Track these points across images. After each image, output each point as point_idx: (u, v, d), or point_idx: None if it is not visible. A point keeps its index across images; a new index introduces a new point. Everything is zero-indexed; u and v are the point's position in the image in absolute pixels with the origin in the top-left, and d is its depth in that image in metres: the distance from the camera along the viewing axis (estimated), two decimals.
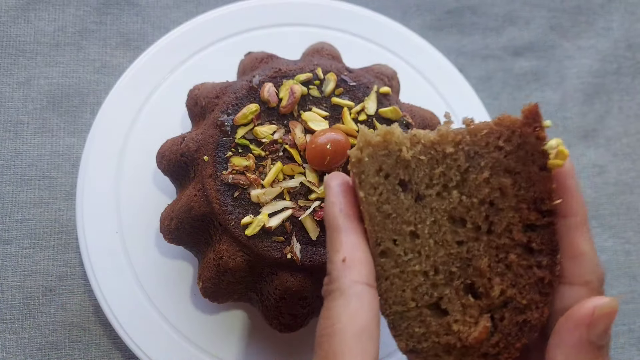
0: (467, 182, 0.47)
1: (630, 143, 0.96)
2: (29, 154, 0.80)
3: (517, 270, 0.47)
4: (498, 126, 0.46)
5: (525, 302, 0.46)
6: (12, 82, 0.82)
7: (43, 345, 0.73)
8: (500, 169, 0.46)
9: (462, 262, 0.47)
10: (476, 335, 0.46)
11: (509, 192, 0.46)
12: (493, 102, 0.94)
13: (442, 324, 0.48)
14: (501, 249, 0.47)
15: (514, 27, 0.98)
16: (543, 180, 0.45)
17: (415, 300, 0.48)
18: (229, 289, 0.65)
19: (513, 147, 0.46)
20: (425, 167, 0.47)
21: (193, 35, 0.81)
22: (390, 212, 0.47)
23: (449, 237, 0.47)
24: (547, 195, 0.45)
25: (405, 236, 0.47)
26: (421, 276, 0.48)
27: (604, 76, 0.98)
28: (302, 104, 0.66)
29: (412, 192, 0.47)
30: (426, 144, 0.47)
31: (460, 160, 0.47)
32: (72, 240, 0.77)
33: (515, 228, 0.46)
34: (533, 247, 0.46)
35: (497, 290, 0.47)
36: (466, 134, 0.47)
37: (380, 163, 0.47)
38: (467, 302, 0.47)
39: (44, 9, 0.86)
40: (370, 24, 0.86)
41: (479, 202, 0.47)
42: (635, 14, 1.02)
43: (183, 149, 0.66)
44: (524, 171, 0.46)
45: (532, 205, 0.46)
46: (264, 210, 0.61)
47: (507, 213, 0.46)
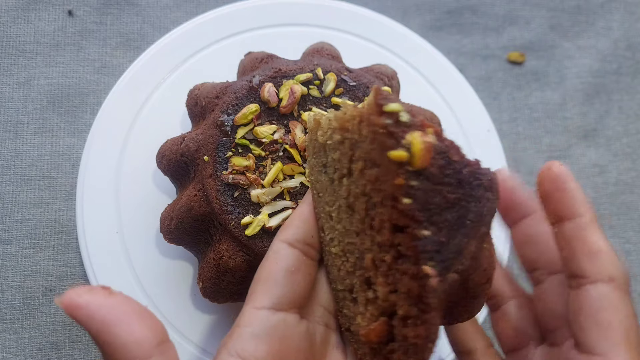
0: (352, 172, 0.43)
1: (630, 143, 0.96)
2: (29, 154, 0.80)
3: (394, 275, 0.39)
4: (367, 112, 0.39)
5: (402, 312, 0.39)
6: (12, 82, 0.82)
7: (43, 345, 0.73)
8: (369, 159, 0.40)
9: (359, 253, 0.43)
10: (364, 333, 0.42)
11: (375, 186, 0.39)
12: (493, 102, 0.94)
13: (354, 311, 0.45)
14: (381, 246, 0.40)
15: (514, 27, 0.98)
16: (390, 173, 0.37)
17: (339, 282, 0.46)
18: (229, 289, 0.65)
19: (370, 137, 0.39)
20: (331, 152, 0.46)
21: (193, 35, 0.81)
22: (319, 190, 0.48)
23: (348, 225, 0.44)
24: (395, 192, 0.37)
25: (327, 216, 0.47)
26: (339, 259, 0.46)
27: (604, 76, 0.98)
28: (302, 104, 0.66)
29: (328, 174, 0.46)
30: (333, 129, 0.45)
31: (345, 149, 0.43)
32: (72, 240, 0.77)
33: (385, 226, 0.39)
34: (401, 250, 0.38)
35: (381, 291, 0.41)
36: (352, 120, 0.41)
37: (313, 146, 0.49)
38: (368, 297, 0.43)
39: (44, 9, 0.86)
40: (370, 24, 0.86)
41: (360, 193, 0.42)
42: (635, 13, 1.02)
43: (183, 149, 0.66)
44: (381, 163, 0.38)
45: (390, 203, 0.37)
46: (264, 210, 0.61)
47: (379, 208, 0.39)
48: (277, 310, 0.43)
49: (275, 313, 0.43)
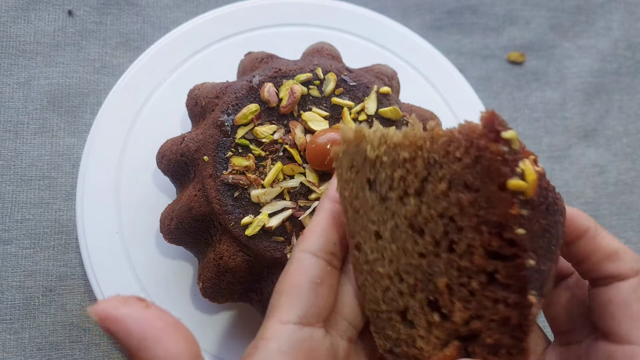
0: (425, 191, 0.41)
1: (630, 143, 0.96)
2: (29, 154, 0.80)
3: (482, 301, 0.38)
4: (460, 134, 0.38)
5: (492, 341, 0.38)
6: (12, 82, 0.82)
7: (43, 346, 0.73)
8: (459, 182, 0.38)
9: (423, 276, 0.42)
10: (437, 359, 0.41)
11: (468, 210, 0.38)
12: (493, 102, 0.94)
13: (410, 335, 0.43)
14: (463, 271, 0.39)
15: (514, 27, 0.98)
16: (503, 202, 0.36)
17: (386, 302, 0.44)
18: (229, 289, 0.65)
19: (471, 160, 0.37)
20: (387, 169, 0.43)
21: (193, 35, 0.81)
22: (359, 208, 0.45)
23: (410, 246, 0.42)
24: (508, 222, 0.36)
25: (371, 235, 0.44)
26: (387, 279, 0.44)
27: (604, 76, 0.98)
28: (302, 104, 0.66)
29: (377, 191, 0.44)
30: (390, 145, 0.43)
31: (418, 167, 0.41)
32: (72, 240, 0.77)
33: (476, 252, 0.38)
34: (498, 278, 0.37)
35: (458, 317, 0.40)
36: (428, 139, 0.40)
37: (351, 159, 0.46)
38: (433, 320, 0.42)
39: (44, 9, 0.86)
40: (370, 24, 0.86)
41: (437, 215, 0.40)
42: (635, 13, 1.02)
43: (183, 149, 0.66)
44: (483, 189, 0.37)
45: (493, 230, 0.37)
46: (264, 210, 0.61)
47: (468, 233, 0.38)
48: (304, 325, 0.41)
49: (302, 328, 0.41)
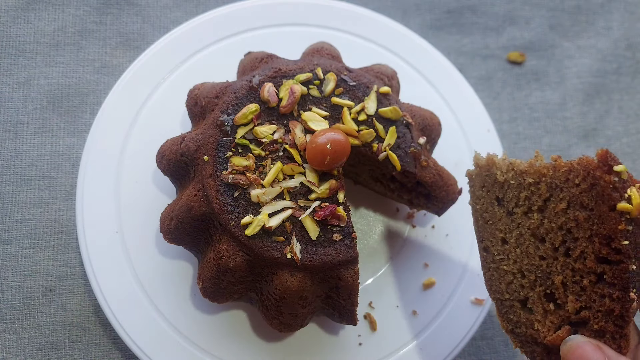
0: (547, 208, 0.53)
1: (630, 143, 0.96)
2: (29, 154, 0.80)
3: (591, 296, 0.50)
4: (578, 165, 0.50)
5: (598, 327, 0.50)
6: (12, 82, 0.82)
7: (43, 345, 0.73)
8: (576, 202, 0.51)
9: (542, 274, 0.54)
10: (550, 339, 0.52)
11: (583, 225, 0.50)
12: (493, 101, 0.94)
13: (529, 319, 0.55)
14: (577, 271, 0.51)
15: (514, 26, 0.98)
16: (612, 220, 0.48)
17: (509, 293, 0.57)
18: (229, 289, 0.65)
19: (587, 186, 0.49)
20: (514, 190, 0.57)
21: (193, 35, 0.81)
22: (488, 219, 0.60)
23: (532, 250, 0.55)
24: (616, 235, 0.48)
25: (498, 240, 0.58)
26: (510, 275, 0.58)
27: (604, 76, 0.98)
28: (302, 104, 0.66)
29: (504, 207, 0.58)
30: (517, 171, 0.56)
31: (542, 190, 0.54)
32: (72, 240, 0.77)
33: (589, 257, 0.50)
34: (605, 278, 0.49)
35: (571, 307, 0.51)
36: (551, 168, 0.53)
37: (483, 181, 0.60)
38: (548, 308, 0.53)
39: (44, 9, 0.86)
40: (370, 24, 0.86)
41: (557, 227, 0.53)
42: (635, 13, 1.02)
43: (183, 149, 0.66)
44: (596, 209, 0.49)
45: (603, 241, 0.49)
46: (264, 210, 0.61)
47: (582, 242, 0.51)
48: None
49: None
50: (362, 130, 0.65)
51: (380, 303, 0.75)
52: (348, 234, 0.61)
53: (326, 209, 0.61)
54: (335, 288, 0.62)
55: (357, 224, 0.79)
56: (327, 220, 0.61)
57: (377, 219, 0.80)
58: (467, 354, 0.80)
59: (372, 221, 0.79)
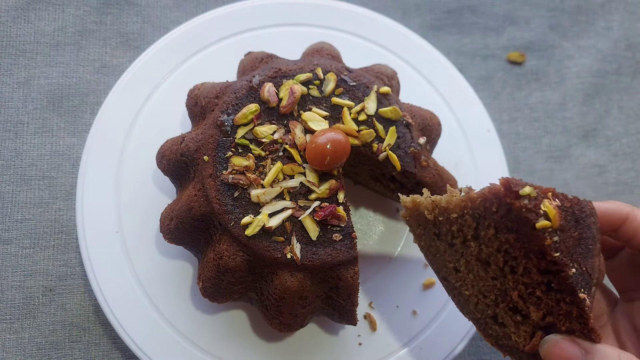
0: (480, 235, 0.54)
1: (630, 143, 0.96)
2: (29, 154, 0.80)
3: (548, 303, 0.51)
4: (489, 194, 0.51)
5: (565, 328, 0.51)
6: (12, 82, 0.82)
7: (43, 345, 0.73)
8: (502, 227, 0.51)
9: (499, 292, 0.55)
10: (528, 347, 0.54)
11: (515, 245, 0.51)
12: (493, 101, 0.94)
13: (504, 332, 0.56)
14: (527, 285, 0.52)
15: (514, 27, 0.98)
16: (537, 238, 0.49)
17: (478, 312, 0.58)
18: (229, 289, 0.65)
19: (504, 212, 0.50)
20: (445, 225, 0.57)
21: (193, 35, 0.81)
22: (435, 252, 0.60)
23: (482, 273, 0.56)
24: (545, 250, 0.49)
25: (450, 270, 0.59)
26: (474, 297, 0.57)
27: (604, 76, 0.98)
28: (302, 104, 0.66)
29: (444, 240, 0.58)
30: (441, 208, 0.57)
31: (468, 221, 0.54)
32: (72, 240, 0.77)
33: (532, 271, 0.51)
34: (553, 286, 0.50)
35: (535, 316, 0.52)
36: (468, 201, 0.54)
37: (417, 220, 0.61)
38: (517, 319, 0.54)
39: (44, 9, 0.86)
40: (370, 24, 0.86)
41: (495, 250, 0.53)
42: (635, 13, 1.02)
43: (183, 149, 0.66)
44: (521, 230, 0.50)
45: (538, 255, 0.50)
46: (264, 210, 0.61)
47: (521, 259, 0.51)
48: None
49: None
50: (362, 130, 0.65)
51: (380, 303, 0.75)
52: (348, 234, 0.61)
53: (326, 209, 0.61)
54: (335, 288, 0.62)
55: (357, 224, 0.79)
56: (327, 220, 0.61)
57: (377, 219, 0.80)
58: (467, 354, 0.80)
59: (372, 221, 0.79)
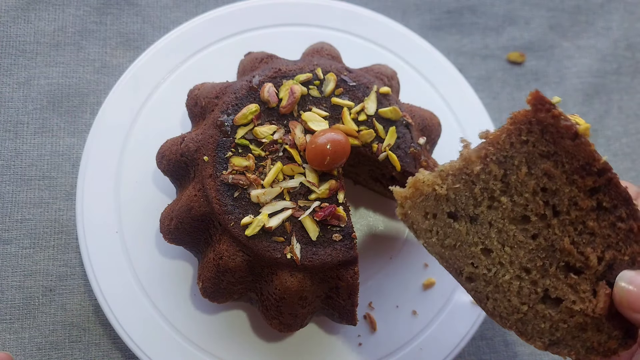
0: (510, 184, 0.50)
1: (630, 143, 0.96)
2: (29, 154, 0.80)
3: (603, 233, 0.47)
4: (514, 125, 0.48)
5: (628, 257, 0.47)
6: (12, 82, 0.82)
7: (43, 345, 0.73)
8: (535, 158, 0.48)
9: (546, 252, 0.49)
10: (602, 305, 0.48)
11: (555, 173, 0.48)
12: (493, 101, 0.94)
13: (562, 310, 0.49)
14: (576, 222, 0.48)
15: (513, 27, 0.98)
16: (580, 147, 0.46)
17: (525, 303, 0.51)
18: (228, 289, 0.65)
19: (538, 135, 0.47)
20: (464, 192, 0.52)
21: (193, 35, 0.81)
22: (454, 243, 0.52)
23: (521, 237, 0.50)
24: (592, 157, 0.46)
25: (479, 256, 0.52)
26: (516, 281, 0.51)
27: (604, 76, 0.98)
28: (302, 104, 0.66)
29: (463, 217, 0.52)
30: (455, 173, 0.52)
31: (494, 170, 0.50)
32: (72, 240, 0.77)
33: (578, 198, 0.48)
34: (605, 206, 0.47)
35: (593, 260, 0.48)
36: (488, 146, 0.50)
37: (423, 209, 0.53)
38: (572, 280, 0.49)
39: (44, 9, 0.86)
40: (370, 24, 0.86)
41: (531, 194, 0.49)
42: (634, 13, 1.02)
43: (183, 149, 0.66)
44: (559, 149, 0.47)
45: (583, 173, 0.47)
46: (264, 210, 0.61)
47: (564, 189, 0.48)
48: None
49: None
50: (362, 130, 0.65)
51: (380, 303, 0.75)
52: (348, 234, 0.61)
53: (326, 209, 0.61)
54: (335, 288, 0.62)
55: (357, 224, 0.79)
56: (327, 221, 0.61)
57: (377, 219, 0.80)
58: (467, 354, 0.80)
59: (372, 221, 0.79)
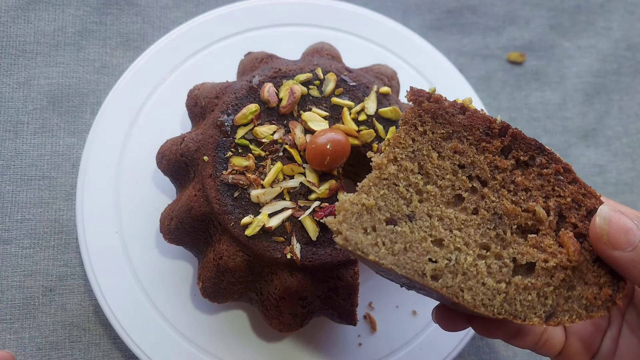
0: (429, 173, 0.50)
1: (630, 143, 0.96)
2: (29, 154, 0.80)
3: (535, 185, 0.49)
4: (407, 124, 0.51)
5: (570, 199, 0.48)
6: (12, 82, 0.82)
7: (43, 345, 0.73)
8: (439, 142, 0.51)
9: (493, 222, 0.49)
10: (573, 249, 0.47)
11: (463, 148, 0.50)
12: (493, 101, 0.94)
13: (539, 273, 0.48)
14: (506, 183, 0.50)
15: (514, 27, 0.98)
16: (473, 117, 0.51)
17: (501, 280, 0.48)
18: (228, 289, 0.65)
19: (431, 122, 0.51)
20: (392, 195, 0.50)
21: (193, 35, 0.81)
22: (403, 246, 0.48)
23: (463, 216, 0.49)
24: (487, 121, 0.51)
25: (433, 249, 0.48)
26: (480, 260, 0.48)
27: (604, 76, 0.98)
28: (302, 104, 0.66)
29: (402, 219, 0.49)
30: (375, 182, 0.49)
31: (409, 166, 0.51)
32: (72, 240, 0.77)
33: (496, 161, 0.50)
34: (523, 159, 0.50)
35: (541, 212, 0.48)
36: (393, 148, 0.51)
37: (360, 225, 0.48)
38: (534, 240, 0.49)
39: (44, 9, 0.86)
40: (370, 24, 0.86)
41: (452, 175, 0.50)
42: (635, 13, 1.02)
43: (183, 149, 0.66)
44: (456, 126, 0.51)
45: (487, 138, 0.50)
46: (264, 210, 0.61)
47: (479, 159, 0.50)
48: None
49: None
50: (362, 130, 0.65)
51: (380, 303, 0.75)
52: None
53: (326, 209, 0.61)
54: (335, 288, 0.62)
55: None
56: None
57: None
58: (467, 353, 0.80)
59: None
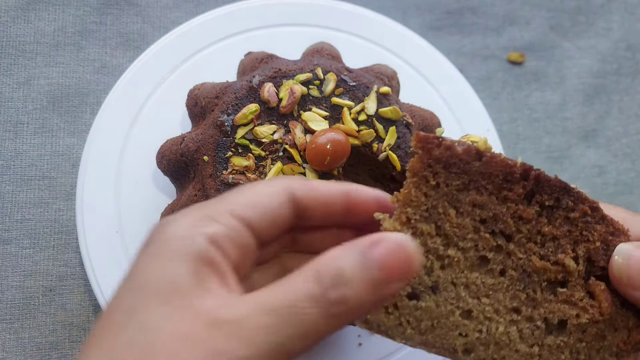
0: (448, 234, 0.44)
1: (630, 143, 0.96)
2: (29, 154, 0.80)
3: (563, 232, 0.45)
4: (416, 176, 0.44)
5: (599, 242, 0.46)
6: (12, 82, 0.82)
7: (43, 345, 0.73)
8: (456, 195, 0.44)
9: (522, 281, 0.46)
10: (606, 304, 0.45)
11: (483, 200, 0.45)
12: (493, 102, 0.94)
13: (571, 331, 0.46)
14: (532, 235, 0.45)
15: (514, 27, 0.98)
16: (491, 162, 0.44)
17: (533, 344, 0.46)
18: None
19: (444, 173, 0.44)
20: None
21: (193, 35, 0.81)
22: (430, 323, 0.45)
23: (490, 280, 0.45)
24: (507, 167, 0.44)
25: (463, 322, 0.45)
26: (512, 326, 0.46)
27: (604, 76, 0.98)
28: (302, 104, 0.66)
29: (424, 292, 0.45)
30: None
31: (425, 229, 0.44)
32: (72, 240, 0.77)
33: (520, 211, 0.45)
34: (548, 204, 0.45)
35: (570, 263, 0.45)
36: (404, 208, 0.44)
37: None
38: (564, 295, 0.46)
39: (44, 9, 0.86)
40: (370, 24, 0.86)
41: (474, 233, 0.45)
42: (635, 14, 1.02)
43: (183, 149, 0.66)
44: (472, 175, 0.44)
45: (508, 184, 0.44)
46: None
47: (501, 210, 0.45)
48: None
49: None
50: (362, 130, 0.65)
51: None
52: None
53: None
54: None
55: None
56: None
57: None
58: None
59: None
